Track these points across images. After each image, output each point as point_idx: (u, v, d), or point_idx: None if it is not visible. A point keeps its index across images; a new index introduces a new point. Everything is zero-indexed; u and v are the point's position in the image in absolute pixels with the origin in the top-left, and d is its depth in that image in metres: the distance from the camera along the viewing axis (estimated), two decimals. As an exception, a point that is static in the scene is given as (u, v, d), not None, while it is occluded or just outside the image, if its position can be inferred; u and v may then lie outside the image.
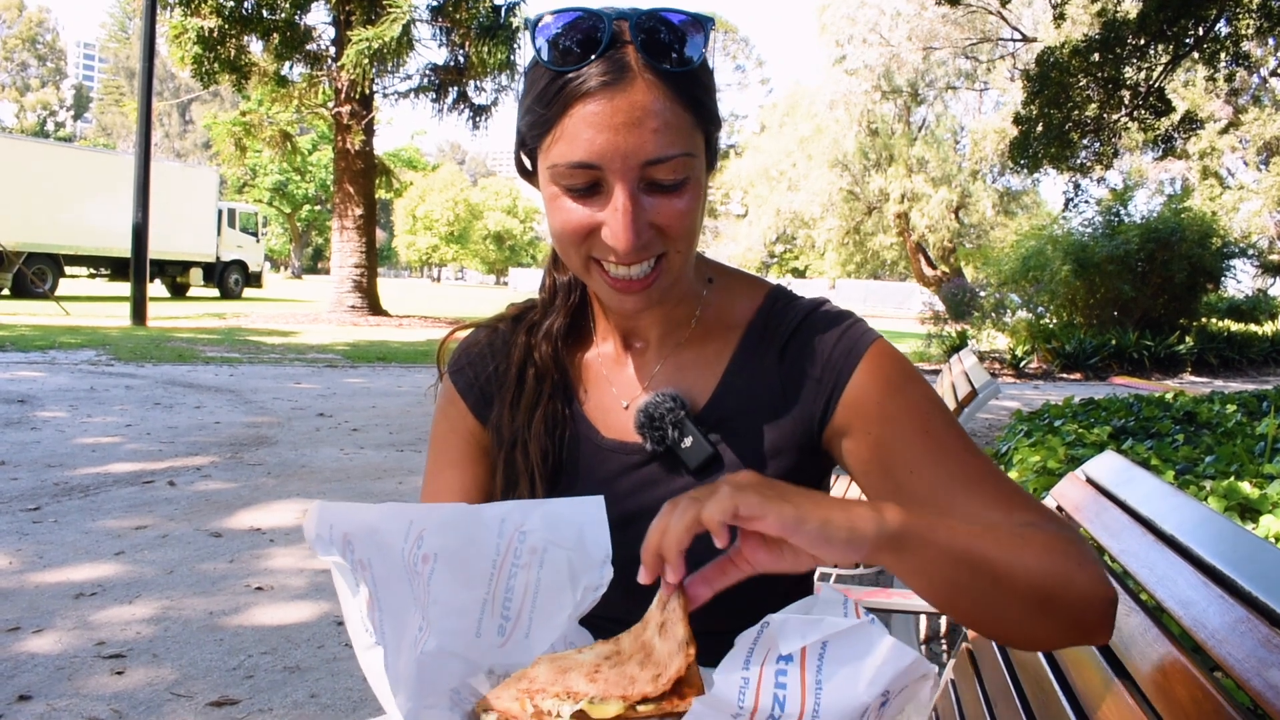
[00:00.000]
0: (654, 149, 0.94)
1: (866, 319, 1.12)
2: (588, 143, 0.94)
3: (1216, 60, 11.71)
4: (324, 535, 0.81)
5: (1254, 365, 17.14)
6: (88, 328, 15.52)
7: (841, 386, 1.06)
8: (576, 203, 0.98)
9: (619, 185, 0.95)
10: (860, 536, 0.78)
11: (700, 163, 1.00)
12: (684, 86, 0.96)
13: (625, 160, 0.94)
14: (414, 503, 0.94)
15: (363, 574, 0.83)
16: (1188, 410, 6.98)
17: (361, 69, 17.60)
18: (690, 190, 0.98)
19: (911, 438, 1.01)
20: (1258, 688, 0.77)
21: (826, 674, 0.71)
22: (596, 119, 0.93)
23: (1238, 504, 3.87)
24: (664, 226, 0.98)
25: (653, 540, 0.81)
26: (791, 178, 35.58)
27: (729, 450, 1.11)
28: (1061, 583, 0.86)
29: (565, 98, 0.95)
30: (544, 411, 1.17)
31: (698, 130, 0.99)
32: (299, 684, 2.97)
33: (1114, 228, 16.60)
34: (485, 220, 73.68)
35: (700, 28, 0.97)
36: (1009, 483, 1.00)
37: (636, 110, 0.93)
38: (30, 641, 3.19)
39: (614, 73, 0.94)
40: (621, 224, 0.95)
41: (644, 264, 0.99)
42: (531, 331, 1.21)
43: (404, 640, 0.88)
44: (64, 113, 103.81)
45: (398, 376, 11.28)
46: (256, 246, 31.88)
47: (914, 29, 30.06)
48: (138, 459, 6.03)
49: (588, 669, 0.83)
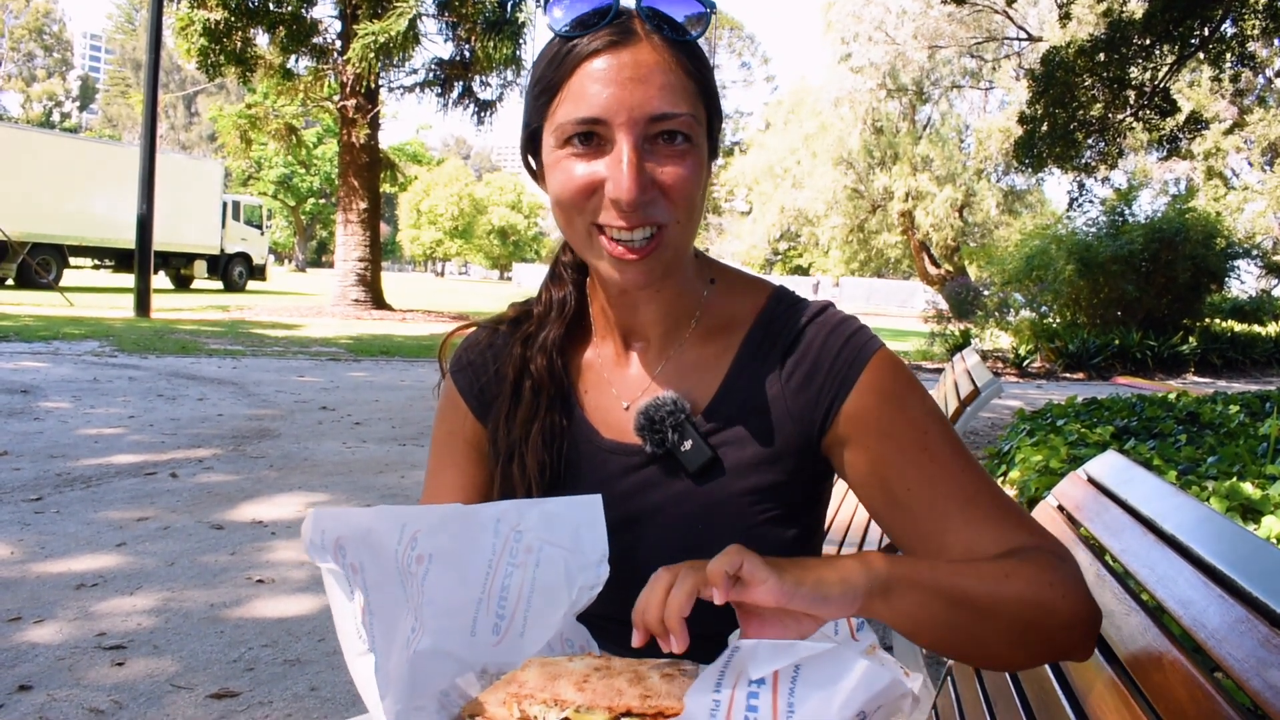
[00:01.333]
0: (659, 104, 0.96)
1: (870, 317, 1.12)
2: (594, 96, 0.96)
3: (1222, 60, 11.69)
4: (317, 542, 0.82)
5: (1257, 366, 17.11)
6: (91, 319, 15.55)
7: (843, 397, 1.06)
8: (580, 160, 0.98)
9: (623, 137, 0.96)
10: (853, 589, 0.80)
11: (702, 133, 1.01)
12: (688, 55, 0.99)
13: (630, 113, 0.95)
14: (407, 504, 0.94)
15: (355, 578, 0.83)
16: (1190, 411, 6.97)
17: (367, 63, 17.58)
18: (693, 157, 0.99)
19: (910, 455, 1.02)
20: (1257, 688, 0.77)
21: (799, 697, 0.71)
22: (603, 74, 0.96)
23: (1240, 504, 3.87)
24: (666, 186, 0.98)
25: (653, 609, 0.80)
26: (796, 175, 35.53)
27: (729, 454, 1.10)
28: (1044, 612, 0.89)
29: (573, 59, 0.97)
30: (541, 425, 1.16)
31: (700, 103, 1.00)
32: (299, 677, 2.97)
33: (1118, 227, 16.58)
34: (489, 215, 73.67)
35: (703, 9, 1.01)
36: (1004, 500, 1.01)
37: (642, 67, 0.96)
38: (31, 631, 3.20)
39: (620, 35, 0.97)
40: (625, 173, 0.95)
41: (645, 230, 0.99)
42: (527, 343, 1.20)
43: (394, 642, 0.88)
44: (70, 104, 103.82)
45: (401, 371, 11.29)
46: (261, 239, 31.91)
47: (919, 27, 30.01)
48: (140, 450, 6.04)
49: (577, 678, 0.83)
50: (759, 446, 1.10)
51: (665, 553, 1.08)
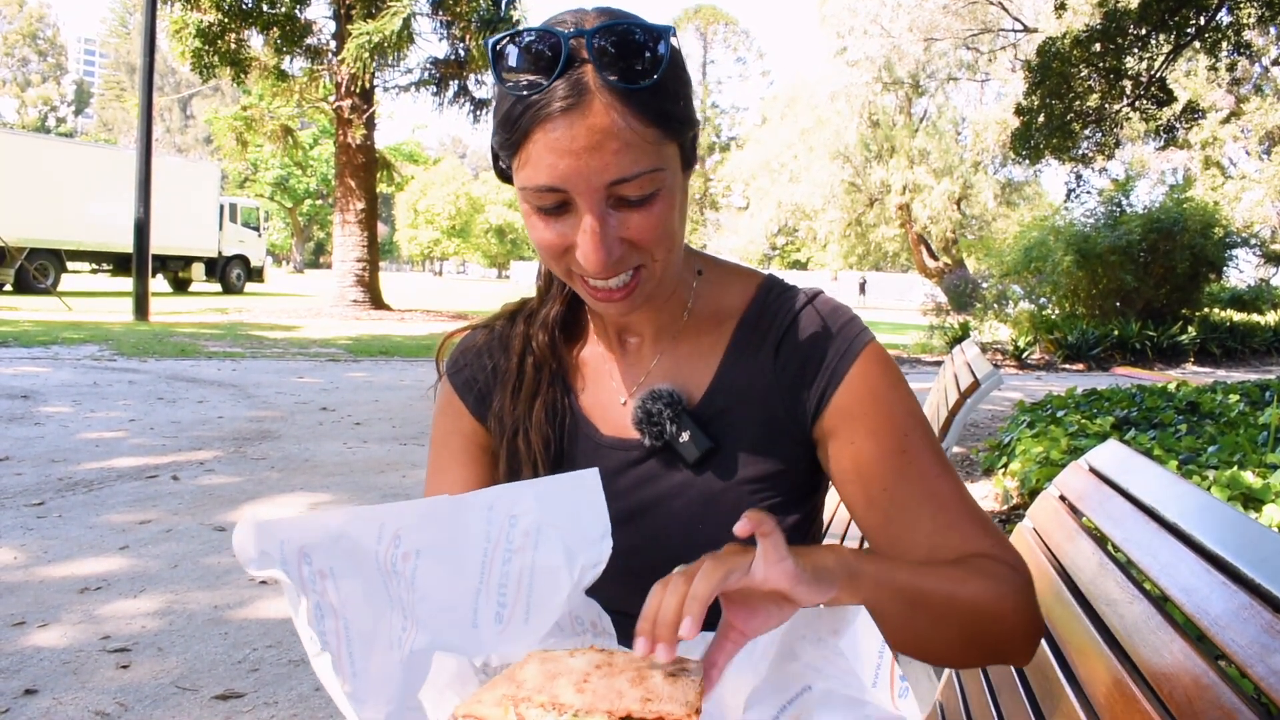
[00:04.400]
0: (616, 170, 0.93)
1: (866, 311, 1.12)
2: (550, 167, 0.93)
3: (1218, 50, 11.68)
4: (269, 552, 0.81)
5: (1256, 355, 17.13)
6: (90, 323, 15.54)
7: (833, 390, 1.07)
8: (548, 223, 0.98)
9: (585, 207, 0.95)
10: (831, 576, 0.82)
11: (670, 173, 0.98)
12: (644, 103, 0.94)
13: (589, 182, 0.93)
14: (400, 503, 0.94)
15: (322, 583, 0.83)
16: (1190, 400, 6.98)
17: (362, 63, 17.56)
18: (661, 201, 0.97)
19: (890, 457, 1.05)
20: (1261, 674, 0.77)
21: None
22: (558, 144, 0.92)
23: (1240, 494, 3.87)
24: (636, 240, 0.97)
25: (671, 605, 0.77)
26: (793, 170, 35.50)
27: (727, 443, 1.11)
28: (992, 619, 0.95)
29: (527, 122, 0.94)
30: (544, 400, 1.17)
31: (666, 141, 0.97)
32: (304, 677, 2.98)
33: (1116, 218, 16.59)
34: (487, 214, 73.55)
35: (660, 38, 0.95)
36: (972, 507, 1.05)
37: (596, 134, 0.92)
38: (36, 636, 3.20)
39: (573, 95, 0.92)
40: (590, 245, 0.95)
41: (622, 275, 1.00)
42: (530, 321, 1.22)
43: (375, 644, 0.87)
44: (65, 108, 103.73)
45: (400, 370, 11.28)
46: (258, 241, 31.86)
47: (915, 20, 29.95)
48: (141, 454, 6.05)
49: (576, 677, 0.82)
50: (756, 435, 1.11)
51: (667, 545, 1.09)
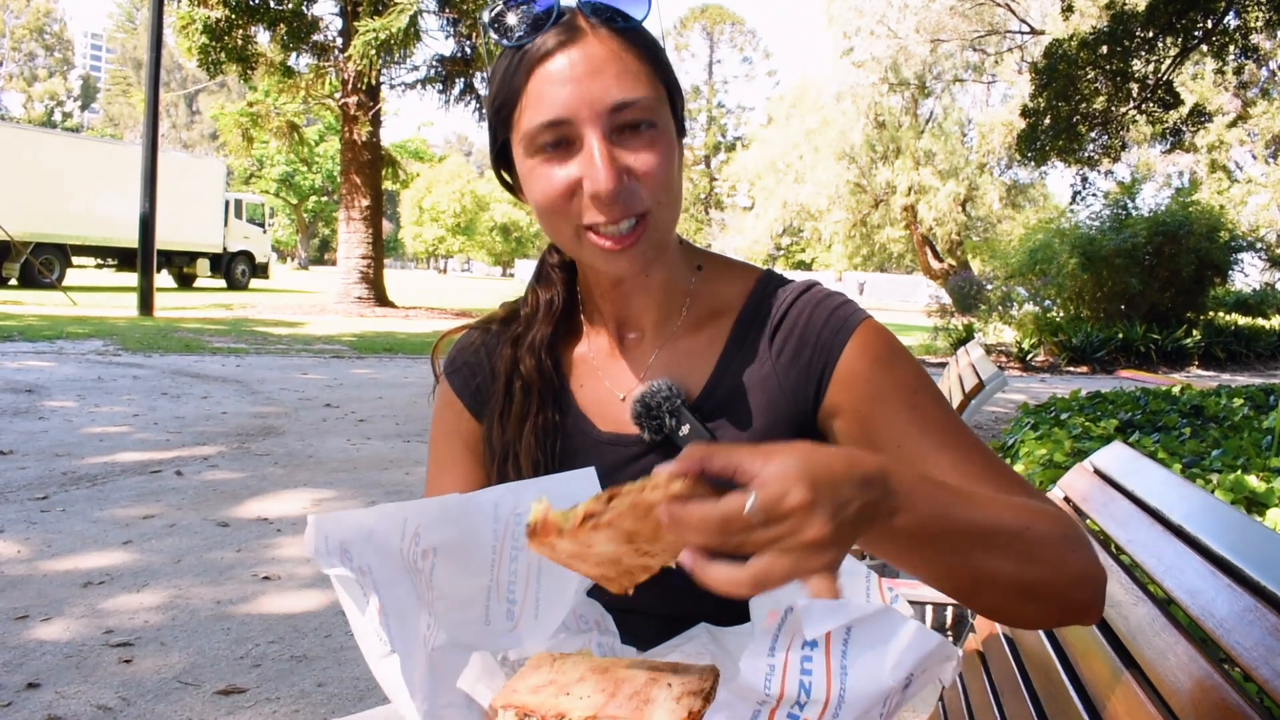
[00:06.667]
0: (618, 92, 0.97)
1: (872, 312, 1.12)
2: (553, 98, 0.97)
3: (1225, 53, 11.66)
4: (322, 548, 0.81)
5: (1261, 359, 17.09)
6: (95, 318, 15.57)
7: (832, 366, 1.07)
8: (553, 165, 0.99)
9: (591, 133, 0.97)
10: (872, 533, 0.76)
11: (666, 113, 1.03)
12: (637, 40, 1.01)
13: (592, 107, 0.96)
14: (408, 500, 0.94)
15: (364, 580, 0.83)
16: (1195, 404, 6.96)
17: (368, 60, 17.58)
18: (662, 141, 1.00)
19: (897, 413, 1.02)
20: (1265, 676, 0.77)
21: (851, 658, 0.71)
22: (558, 75, 0.97)
23: (1244, 498, 3.86)
24: (641, 174, 0.99)
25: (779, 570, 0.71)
26: (798, 170, 35.49)
27: (726, 436, 1.11)
28: (1054, 567, 0.85)
29: (526, 66, 0.99)
30: (533, 424, 1.16)
31: (658, 83, 1.02)
32: (306, 673, 2.98)
33: (1121, 221, 16.55)
34: (492, 212, 73.57)
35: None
36: (994, 459, 1.00)
37: (594, 60, 0.97)
38: (39, 629, 3.21)
39: (567, 32, 0.98)
40: (600, 166, 0.96)
41: (629, 220, 1.00)
42: (516, 344, 1.21)
43: (414, 641, 0.88)
44: (71, 103, 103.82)
45: (404, 367, 11.29)
46: (263, 237, 31.93)
47: (921, 21, 29.94)
48: (145, 449, 6.05)
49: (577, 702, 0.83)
50: (756, 427, 1.10)
51: None
